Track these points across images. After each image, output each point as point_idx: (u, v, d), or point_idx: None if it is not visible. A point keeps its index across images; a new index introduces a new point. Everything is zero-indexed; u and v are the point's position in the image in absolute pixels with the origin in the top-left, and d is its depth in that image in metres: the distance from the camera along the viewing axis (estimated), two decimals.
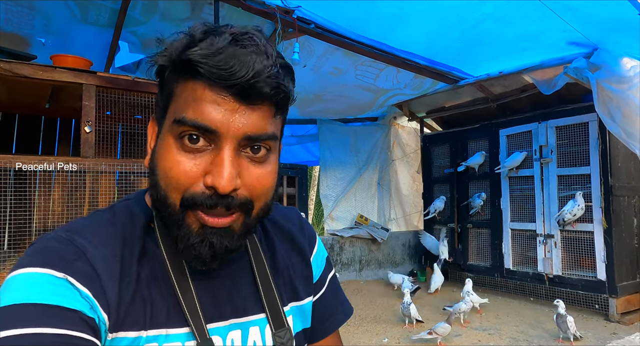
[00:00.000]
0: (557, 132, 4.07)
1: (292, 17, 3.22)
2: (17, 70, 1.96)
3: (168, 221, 0.56)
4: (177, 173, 0.53)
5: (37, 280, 0.49)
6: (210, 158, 0.53)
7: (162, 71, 0.57)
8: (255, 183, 0.55)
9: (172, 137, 0.54)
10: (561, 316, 2.94)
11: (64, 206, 2.10)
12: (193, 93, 0.53)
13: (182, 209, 0.54)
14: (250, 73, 0.50)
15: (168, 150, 0.54)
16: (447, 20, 3.20)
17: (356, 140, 6.09)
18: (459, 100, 5.08)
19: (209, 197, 0.53)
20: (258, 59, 0.51)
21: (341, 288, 0.83)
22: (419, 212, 6.04)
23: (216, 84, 0.51)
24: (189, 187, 0.53)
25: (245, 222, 0.57)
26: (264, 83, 0.51)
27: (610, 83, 3.20)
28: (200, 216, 0.54)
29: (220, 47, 0.51)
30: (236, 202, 0.54)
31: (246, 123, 0.53)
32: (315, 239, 0.79)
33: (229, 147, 0.53)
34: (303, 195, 5.12)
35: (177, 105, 0.54)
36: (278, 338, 0.64)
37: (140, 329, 0.54)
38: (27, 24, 3.09)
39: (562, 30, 3.10)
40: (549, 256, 4.04)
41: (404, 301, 3.32)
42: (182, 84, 0.54)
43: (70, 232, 0.55)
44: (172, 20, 3.20)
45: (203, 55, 0.51)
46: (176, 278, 0.58)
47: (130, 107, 2.33)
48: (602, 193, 3.68)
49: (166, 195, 0.54)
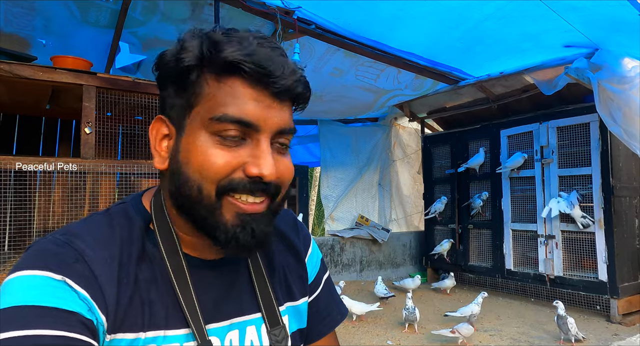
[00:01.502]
0: (558, 133, 4.06)
1: (292, 17, 3.22)
2: (17, 71, 1.96)
3: (201, 212, 0.57)
4: (216, 165, 0.55)
5: (35, 282, 0.49)
6: (247, 151, 0.57)
7: (186, 71, 0.57)
8: (284, 172, 0.60)
9: (207, 134, 0.56)
10: (561, 317, 2.93)
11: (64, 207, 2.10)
12: (233, 91, 0.56)
13: (218, 197, 0.56)
14: (285, 73, 0.56)
15: (203, 145, 0.56)
16: (447, 21, 3.20)
17: (357, 141, 6.08)
18: (460, 100, 5.08)
19: (251, 182, 0.56)
20: (287, 61, 0.57)
21: (336, 289, 0.84)
22: (420, 213, 6.03)
23: (257, 82, 0.55)
24: (227, 176, 0.56)
25: (271, 207, 0.60)
26: (298, 83, 0.58)
27: (612, 83, 3.20)
28: (235, 203, 0.57)
29: (253, 48, 0.55)
30: (271, 188, 0.58)
31: (279, 118, 0.58)
32: (309, 240, 0.81)
33: (266, 139, 0.57)
34: (304, 196, 5.13)
35: (214, 102, 0.56)
36: (273, 336, 0.65)
37: (139, 331, 0.55)
38: (28, 25, 3.09)
39: (563, 30, 3.09)
40: (550, 257, 4.03)
41: (408, 306, 3.25)
42: (218, 82, 0.56)
43: (67, 234, 0.55)
44: (172, 21, 3.20)
45: (244, 55, 0.54)
46: (176, 278, 0.59)
47: (130, 108, 2.33)
48: (603, 193, 3.67)
49: (201, 186, 0.56)
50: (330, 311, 0.80)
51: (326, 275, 0.82)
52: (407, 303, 3.27)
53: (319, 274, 0.80)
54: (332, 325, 0.79)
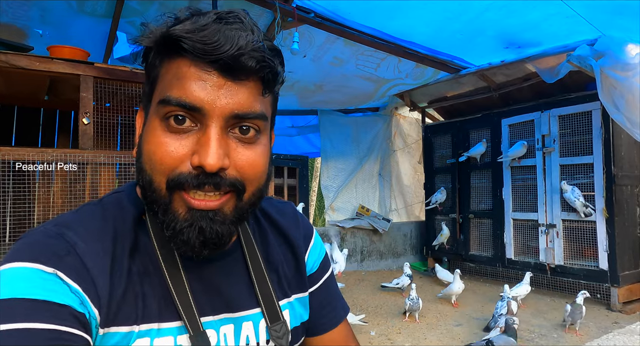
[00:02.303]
0: (559, 121, 4.03)
1: (291, 6, 3.18)
2: (14, 61, 1.94)
3: (155, 207, 0.54)
4: (162, 155, 0.52)
5: (25, 275, 0.48)
6: (196, 139, 0.52)
7: (147, 54, 0.56)
8: (245, 165, 0.54)
9: (158, 119, 0.53)
10: (578, 306, 2.89)
11: (64, 198, 2.10)
12: (177, 72, 0.52)
13: (169, 192, 0.53)
14: (234, 47, 0.49)
15: (153, 133, 0.53)
16: (448, 11, 3.16)
17: (357, 131, 6.06)
18: (461, 89, 5.04)
19: (196, 177, 0.51)
20: (243, 34, 0.50)
21: (337, 286, 0.82)
22: (421, 203, 6.04)
23: (200, 60, 0.50)
24: (175, 168, 0.52)
25: (237, 206, 0.55)
26: (248, 56, 0.50)
27: (615, 70, 3.16)
28: (186, 198, 0.52)
29: (204, 23, 0.50)
30: (225, 182, 0.52)
31: (233, 100, 0.51)
32: (311, 234, 0.78)
33: (216, 125, 0.51)
34: (304, 186, 5.11)
35: (162, 86, 0.53)
36: (274, 332, 0.63)
37: (133, 324, 0.53)
38: (24, 15, 3.06)
39: (565, 16, 3.05)
40: (550, 246, 4.04)
41: (413, 296, 3.27)
42: (167, 63, 0.53)
43: (59, 225, 0.54)
44: (170, 10, 3.16)
45: (186, 31, 0.50)
46: (168, 271, 0.57)
47: (128, 98, 2.31)
48: (604, 182, 3.66)
49: (151, 178, 0.53)
50: (335, 305, 0.78)
51: (329, 271, 0.79)
52: (412, 293, 3.30)
53: (321, 269, 0.77)
54: (337, 319, 0.77)
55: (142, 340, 0.54)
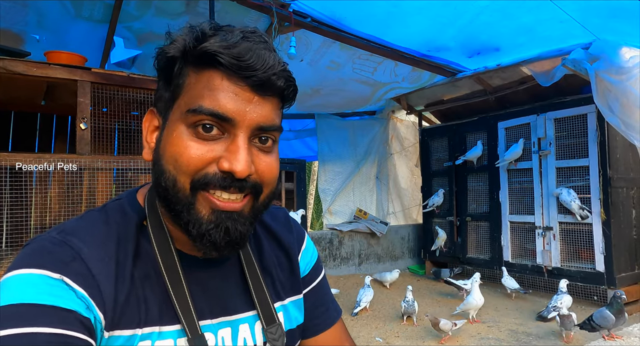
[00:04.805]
0: (555, 124, 4.06)
1: (288, 10, 3.20)
2: (11, 67, 1.95)
3: (178, 206, 0.56)
4: (189, 157, 0.54)
5: (32, 281, 0.50)
6: (223, 146, 0.55)
7: (171, 63, 0.58)
8: (265, 170, 0.58)
9: (184, 126, 0.56)
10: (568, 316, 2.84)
11: (61, 204, 2.09)
12: (209, 83, 0.55)
13: (192, 192, 0.55)
14: (266, 66, 0.54)
15: (179, 137, 0.56)
16: (443, 17, 3.18)
17: (354, 134, 6.08)
18: (457, 93, 5.07)
19: (223, 178, 0.55)
20: (270, 54, 0.55)
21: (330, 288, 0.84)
22: (418, 206, 6.04)
23: (234, 75, 0.54)
24: (200, 169, 0.55)
25: (254, 207, 0.59)
26: (277, 76, 0.56)
27: (609, 74, 3.19)
28: (210, 199, 0.56)
29: (235, 40, 0.54)
30: (248, 184, 0.57)
31: (259, 114, 0.56)
32: (303, 238, 0.80)
33: (244, 135, 0.55)
34: (301, 190, 5.11)
35: (191, 95, 0.56)
36: (270, 334, 0.65)
37: (136, 327, 0.55)
38: (21, 20, 3.06)
39: (559, 20, 3.08)
40: (547, 248, 4.05)
41: (408, 299, 3.26)
42: (197, 74, 0.56)
43: (64, 233, 0.55)
44: (167, 15, 3.17)
45: (222, 47, 0.54)
46: (168, 275, 0.59)
47: (126, 103, 2.31)
48: (600, 185, 3.68)
49: (176, 179, 0.55)
50: (328, 307, 0.80)
51: (322, 274, 0.82)
52: (407, 295, 3.28)
53: (314, 271, 0.80)
54: (331, 321, 0.79)
55: (144, 342, 0.55)
